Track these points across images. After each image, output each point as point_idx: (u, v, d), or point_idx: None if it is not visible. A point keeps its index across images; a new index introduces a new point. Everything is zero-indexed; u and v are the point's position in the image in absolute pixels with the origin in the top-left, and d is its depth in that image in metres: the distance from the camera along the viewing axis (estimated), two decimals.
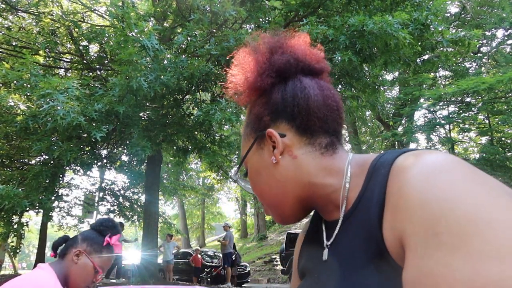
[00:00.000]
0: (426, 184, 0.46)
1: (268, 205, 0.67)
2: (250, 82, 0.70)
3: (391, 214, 0.51)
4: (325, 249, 0.64)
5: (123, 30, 5.26)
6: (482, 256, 0.39)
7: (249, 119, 0.71)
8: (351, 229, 0.60)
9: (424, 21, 6.02)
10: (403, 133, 12.64)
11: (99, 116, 5.20)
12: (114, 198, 10.98)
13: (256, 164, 0.67)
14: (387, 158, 0.57)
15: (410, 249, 0.45)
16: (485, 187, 0.45)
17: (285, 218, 0.68)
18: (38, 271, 1.31)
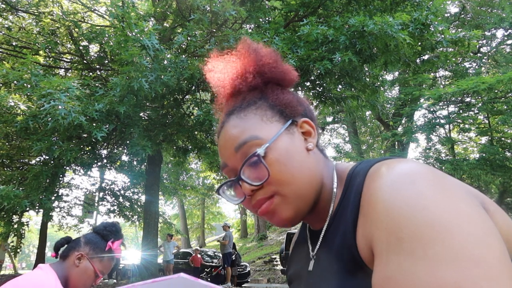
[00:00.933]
0: (391, 192, 0.48)
1: (291, 193, 0.61)
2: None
3: (362, 221, 0.53)
4: (311, 259, 0.66)
5: (123, 30, 5.26)
6: (439, 261, 0.41)
7: (269, 102, 0.67)
8: (330, 239, 0.62)
9: (424, 21, 6.03)
10: (403, 133, 12.65)
11: (99, 116, 5.21)
12: (114, 198, 10.99)
13: (287, 146, 0.62)
14: (362, 168, 0.60)
15: (376, 255, 0.48)
16: (447, 193, 0.47)
17: (297, 215, 0.63)
18: (38, 272, 1.31)
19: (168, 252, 11.23)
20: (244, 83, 0.68)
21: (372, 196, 0.51)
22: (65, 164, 6.53)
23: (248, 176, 0.61)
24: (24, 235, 8.08)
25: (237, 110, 0.66)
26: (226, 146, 0.64)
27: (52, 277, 1.30)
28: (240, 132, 0.62)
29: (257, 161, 0.59)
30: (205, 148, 7.80)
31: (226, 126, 0.66)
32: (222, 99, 0.75)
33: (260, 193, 0.61)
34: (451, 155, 13.71)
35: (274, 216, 0.62)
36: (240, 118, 0.64)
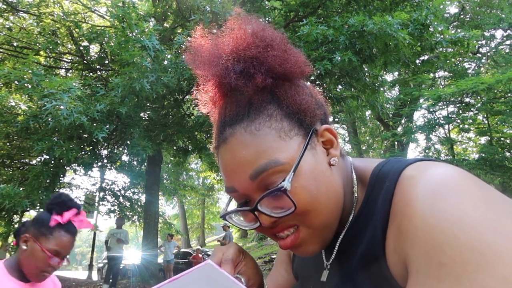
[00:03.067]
0: (431, 206, 0.43)
1: (319, 225, 0.52)
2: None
3: (394, 234, 0.47)
4: (324, 269, 0.60)
5: (124, 30, 5.28)
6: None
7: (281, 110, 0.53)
8: (350, 248, 0.56)
9: (424, 21, 6.05)
10: (403, 133, 12.66)
11: (100, 116, 5.22)
12: (114, 198, 11.00)
13: (312, 168, 0.51)
14: (391, 169, 0.53)
15: (412, 275, 0.43)
16: (495, 210, 0.41)
17: (323, 246, 0.55)
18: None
19: (169, 252, 11.24)
20: (250, 84, 0.53)
21: (408, 207, 0.45)
22: (66, 164, 6.55)
23: (267, 206, 0.51)
24: None
25: (245, 120, 0.52)
26: (236, 171, 0.52)
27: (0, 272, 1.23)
28: (256, 155, 0.50)
29: (281, 194, 0.49)
30: (205, 148, 7.82)
31: (231, 141, 0.52)
32: (212, 97, 0.59)
33: (283, 220, 0.52)
34: (450, 155, 13.74)
35: (299, 248, 0.54)
36: (252, 134, 0.51)
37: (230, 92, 0.56)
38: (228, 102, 0.56)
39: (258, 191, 0.51)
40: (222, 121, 0.55)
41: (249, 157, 0.50)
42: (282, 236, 0.53)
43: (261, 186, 0.51)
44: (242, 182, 0.51)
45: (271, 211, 0.51)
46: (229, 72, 0.53)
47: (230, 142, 0.52)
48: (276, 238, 0.54)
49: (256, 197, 0.51)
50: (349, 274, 0.54)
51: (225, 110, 0.56)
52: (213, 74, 0.56)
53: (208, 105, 0.61)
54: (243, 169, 0.50)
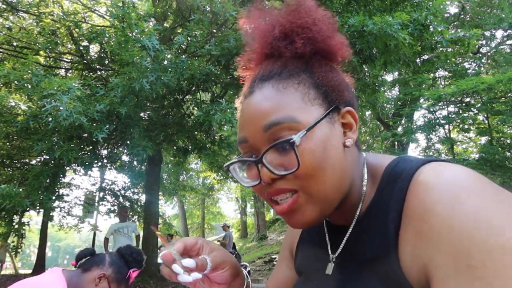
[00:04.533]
0: (452, 209, 0.43)
1: (318, 193, 0.52)
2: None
3: (412, 238, 0.47)
4: (330, 262, 0.59)
5: (124, 30, 5.28)
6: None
7: (312, 78, 0.56)
8: (358, 245, 0.56)
9: (424, 21, 6.05)
10: (403, 133, 12.66)
11: (100, 117, 5.22)
12: (114, 198, 11.00)
13: (325, 138, 0.52)
14: (404, 170, 0.53)
15: (438, 281, 0.42)
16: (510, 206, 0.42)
17: (319, 219, 0.54)
18: (48, 276, 1.29)
19: None
20: (290, 48, 0.56)
21: (428, 211, 0.45)
22: (66, 164, 6.55)
23: (271, 161, 0.51)
24: (25, 235, 8.09)
25: (275, 78, 0.55)
26: (252, 120, 0.53)
27: (60, 285, 1.28)
28: (275, 108, 0.52)
29: (288, 148, 0.50)
30: (205, 148, 7.82)
31: (256, 93, 0.55)
32: (254, 57, 0.62)
33: (282, 183, 0.52)
34: (450, 155, 13.73)
35: (294, 216, 0.53)
36: (277, 90, 0.53)
37: (270, 55, 0.59)
38: (264, 63, 0.59)
39: (267, 144, 0.52)
40: (254, 78, 0.58)
41: (268, 108, 0.52)
42: (279, 200, 0.53)
43: (271, 140, 0.52)
44: (254, 132, 0.53)
45: (274, 168, 0.51)
46: (273, 33, 0.57)
47: (255, 94, 0.55)
48: (272, 203, 0.55)
49: (263, 150, 0.52)
50: (355, 269, 0.54)
51: (259, 69, 0.59)
52: (259, 35, 0.59)
53: (246, 68, 0.64)
54: (259, 119, 0.52)
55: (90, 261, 1.42)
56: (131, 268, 1.48)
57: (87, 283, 1.36)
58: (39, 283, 1.24)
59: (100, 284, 1.37)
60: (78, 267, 1.41)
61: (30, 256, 42.70)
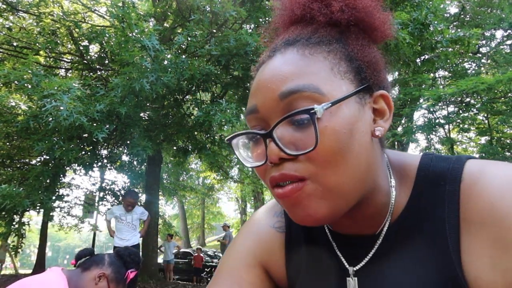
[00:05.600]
0: None
1: (333, 185, 0.42)
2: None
3: (490, 247, 0.40)
4: (350, 276, 0.49)
5: (124, 30, 5.28)
6: None
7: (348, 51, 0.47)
8: (394, 255, 0.47)
9: (424, 21, 6.05)
10: (403, 133, 12.65)
11: (100, 117, 5.22)
12: (114, 198, 10.99)
13: (352, 119, 0.42)
14: (446, 170, 0.46)
15: None
16: None
17: (330, 217, 0.43)
18: (49, 274, 1.32)
19: (168, 252, 11.24)
20: (325, 11, 0.47)
21: (507, 215, 0.39)
22: (66, 164, 6.55)
23: (282, 137, 0.42)
24: (25, 235, 8.09)
25: (302, 42, 0.46)
26: (267, 86, 0.44)
27: (62, 283, 1.30)
28: (297, 74, 0.43)
29: (306, 122, 0.41)
30: (205, 148, 7.82)
31: (277, 58, 0.46)
32: (281, 21, 0.53)
33: (290, 167, 0.42)
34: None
35: (298, 207, 0.43)
36: (303, 55, 0.44)
37: (299, 20, 0.50)
38: (291, 28, 0.50)
39: (281, 115, 0.42)
40: (277, 43, 0.49)
41: (288, 73, 0.43)
42: (283, 184, 0.43)
43: (286, 111, 0.42)
44: (268, 100, 0.44)
45: (284, 145, 0.42)
46: None
47: (275, 58, 0.46)
48: (276, 188, 0.44)
49: (275, 121, 0.43)
50: (395, 285, 0.45)
51: (284, 35, 0.50)
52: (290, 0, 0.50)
53: (271, 36, 0.55)
54: (276, 84, 0.43)
55: (89, 260, 1.44)
56: (129, 268, 1.52)
57: (87, 282, 1.39)
58: (41, 282, 1.25)
59: (100, 283, 1.39)
60: (77, 267, 1.43)
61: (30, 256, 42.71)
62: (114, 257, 1.52)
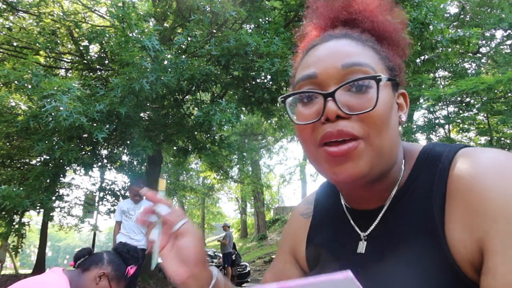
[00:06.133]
0: (502, 181, 0.44)
1: (379, 145, 0.50)
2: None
3: (462, 213, 0.47)
4: (361, 240, 0.58)
5: (124, 30, 5.28)
6: None
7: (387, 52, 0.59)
8: (394, 221, 0.55)
9: (423, 20, 6.04)
10: (403, 133, 12.67)
11: (100, 117, 5.22)
12: (114, 198, 10.99)
13: (391, 99, 0.54)
14: (443, 152, 0.54)
15: (495, 252, 0.42)
16: None
17: (369, 174, 0.51)
18: (51, 275, 1.31)
19: None
20: (370, 22, 0.59)
21: (478, 183, 0.45)
22: (66, 164, 6.55)
23: (339, 99, 0.49)
24: (26, 235, 8.09)
25: (354, 36, 0.56)
26: (331, 56, 0.53)
27: (64, 284, 1.30)
28: (357, 54, 0.52)
29: (367, 88, 0.50)
30: (205, 148, 7.82)
31: (336, 41, 0.55)
32: (325, 22, 0.64)
33: (346, 124, 0.49)
34: None
35: (348, 163, 0.50)
36: (358, 43, 0.55)
37: (343, 25, 0.61)
38: (338, 29, 0.60)
39: (340, 80, 0.51)
40: (328, 34, 0.59)
41: (350, 51, 0.53)
42: (335, 143, 0.50)
43: (345, 79, 0.51)
44: (330, 67, 0.52)
45: (343, 106, 0.49)
46: (352, 5, 0.60)
47: (332, 42, 0.55)
48: (324, 148, 0.51)
49: (334, 87, 0.50)
50: (390, 246, 0.53)
51: (333, 31, 0.60)
52: (333, 6, 0.62)
53: (310, 36, 0.65)
54: (339, 57, 0.52)
55: (88, 260, 1.43)
56: (129, 265, 1.51)
57: (88, 282, 1.38)
58: (43, 282, 1.25)
59: (101, 283, 1.39)
60: (77, 267, 1.42)
61: (30, 256, 42.71)
62: (113, 254, 1.50)
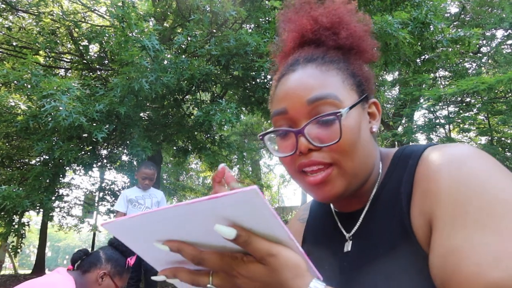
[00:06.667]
0: (455, 169, 0.47)
1: (350, 168, 0.55)
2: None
3: (420, 199, 0.51)
4: (347, 241, 0.63)
5: (124, 30, 5.26)
6: (510, 232, 0.39)
7: (350, 68, 0.61)
8: (373, 220, 0.59)
9: (424, 20, 6.03)
10: (403, 133, 12.64)
11: (100, 117, 5.21)
12: (114, 198, 10.98)
13: (359, 120, 0.58)
14: (413, 150, 0.58)
15: (437, 230, 0.45)
16: (509, 174, 0.46)
17: (345, 193, 0.57)
18: (56, 276, 1.29)
19: None
20: (334, 38, 0.62)
21: (434, 172, 0.49)
22: (66, 164, 6.54)
23: (309, 133, 0.55)
24: (25, 235, 8.09)
25: (319, 61, 0.59)
26: (296, 93, 0.56)
27: (71, 284, 1.28)
28: (320, 85, 0.56)
29: (332, 121, 0.54)
30: (205, 148, 7.80)
31: (300, 71, 0.58)
32: (293, 42, 0.66)
33: (317, 155, 0.55)
34: None
35: (324, 188, 0.56)
36: (321, 71, 0.58)
37: (309, 43, 0.64)
38: (304, 49, 0.63)
39: (308, 117, 0.55)
40: (295, 59, 0.61)
41: (313, 84, 0.56)
42: (309, 171, 0.56)
43: (312, 113, 0.55)
44: (297, 104, 0.56)
45: (313, 140, 0.55)
46: (317, 23, 0.62)
47: (299, 71, 0.58)
48: (302, 175, 0.57)
49: (304, 122, 0.55)
50: (374, 243, 0.57)
51: (299, 53, 0.63)
52: (301, 24, 0.64)
53: (281, 54, 0.68)
54: (304, 92, 0.56)
55: (86, 262, 1.41)
56: (128, 256, 1.50)
57: (91, 284, 1.37)
58: (51, 283, 1.23)
59: (104, 283, 1.38)
60: (76, 269, 1.40)
61: (29, 256, 42.70)
62: (109, 249, 1.48)
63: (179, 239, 0.43)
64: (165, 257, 0.46)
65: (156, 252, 0.46)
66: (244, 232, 0.39)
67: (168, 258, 0.46)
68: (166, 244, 0.43)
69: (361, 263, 0.57)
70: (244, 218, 0.39)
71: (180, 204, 0.39)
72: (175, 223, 0.41)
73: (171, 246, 0.43)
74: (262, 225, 0.40)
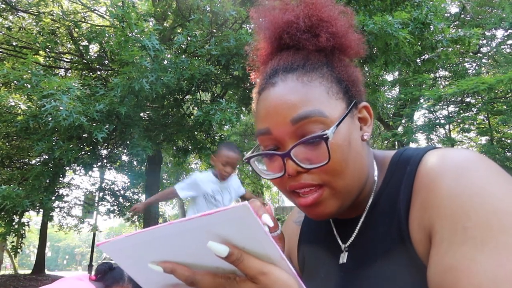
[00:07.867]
0: (455, 180, 0.45)
1: (342, 187, 0.52)
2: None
3: (419, 211, 0.48)
4: (342, 252, 0.60)
5: (124, 30, 5.26)
6: (509, 251, 0.38)
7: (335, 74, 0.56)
8: (370, 228, 0.57)
9: (424, 20, 6.03)
10: (403, 133, 12.64)
11: (100, 117, 5.21)
12: (114, 198, 10.98)
13: (348, 132, 0.53)
14: (412, 155, 0.54)
15: (435, 245, 0.44)
16: (510, 180, 0.44)
17: (339, 211, 0.54)
18: (82, 284, 1.31)
19: None
20: (314, 41, 0.56)
21: (433, 182, 0.47)
22: (66, 164, 6.53)
23: (297, 154, 0.51)
24: (25, 235, 8.09)
25: (299, 70, 0.54)
26: (278, 112, 0.52)
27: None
28: (303, 102, 0.51)
29: (318, 142, 0.50)
30: (205, 148, 7.81)
31: (280, 85, 0.53)
32: (271, 47, 0.61)
33: (307, 177, 0.52)
34: None
35: (317, 209, 0.53)
36: (303, 83, 0.52)
37: (288, 47, 0.58)
38: (283, 55, 0.58)
39: (294, 137, 0.51)
40: (274, 69, 0.56)
41: (296, 101, 0.51)
42: (301, 192, 0.53)
43: (298, 133, 0.51)
44: (280, 125, 0.52)
45: (300, 161, 0.51)
46: (297, 24, 0.56)
47: (279, 86, 0.53)
48: (294, 195, 0.54)
49: (290, 143, 0.51)
50: (371, 255, 0.55)
51: (278, 61, 0.57)
52: (277, 27, 0.58)
53: (259, 60, 0.63)
54: (287, 111, 0.51)
55: (110, 276, 1.45)
56: None
57: None
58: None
59: None
60: (97, 280, 1.43)
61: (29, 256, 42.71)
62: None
63: (173, 260, 0.43)
64: (158, 279, 0.46)
65: (149, 273, 0.45)
66: (236, 250, 0.40)
67: (162, 280, 0.46)
68: (160, 265, 0.42)
69: (357, 278, 0.55)
70: (236, 235, 0.40)
71: (174, 222, 0.40)
72: (169, 241, 0.41)
73: (164, 267, 0.42)
74: (254, 243, 0.40)
